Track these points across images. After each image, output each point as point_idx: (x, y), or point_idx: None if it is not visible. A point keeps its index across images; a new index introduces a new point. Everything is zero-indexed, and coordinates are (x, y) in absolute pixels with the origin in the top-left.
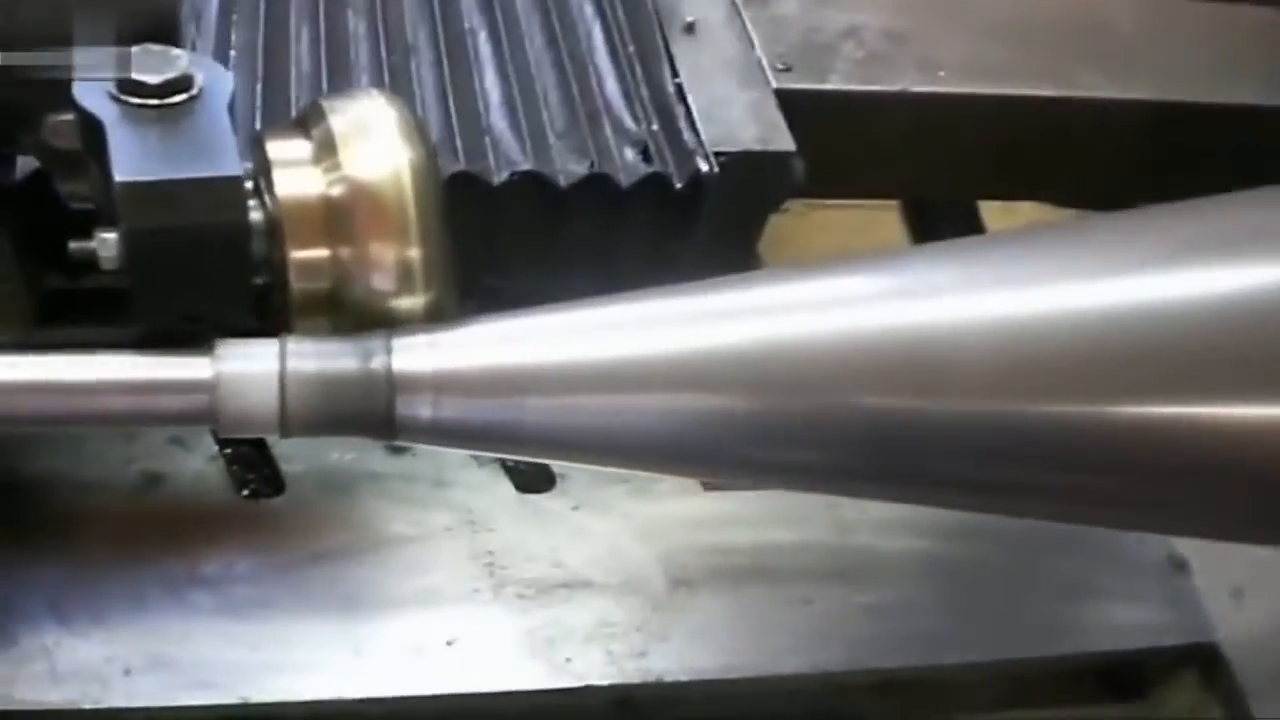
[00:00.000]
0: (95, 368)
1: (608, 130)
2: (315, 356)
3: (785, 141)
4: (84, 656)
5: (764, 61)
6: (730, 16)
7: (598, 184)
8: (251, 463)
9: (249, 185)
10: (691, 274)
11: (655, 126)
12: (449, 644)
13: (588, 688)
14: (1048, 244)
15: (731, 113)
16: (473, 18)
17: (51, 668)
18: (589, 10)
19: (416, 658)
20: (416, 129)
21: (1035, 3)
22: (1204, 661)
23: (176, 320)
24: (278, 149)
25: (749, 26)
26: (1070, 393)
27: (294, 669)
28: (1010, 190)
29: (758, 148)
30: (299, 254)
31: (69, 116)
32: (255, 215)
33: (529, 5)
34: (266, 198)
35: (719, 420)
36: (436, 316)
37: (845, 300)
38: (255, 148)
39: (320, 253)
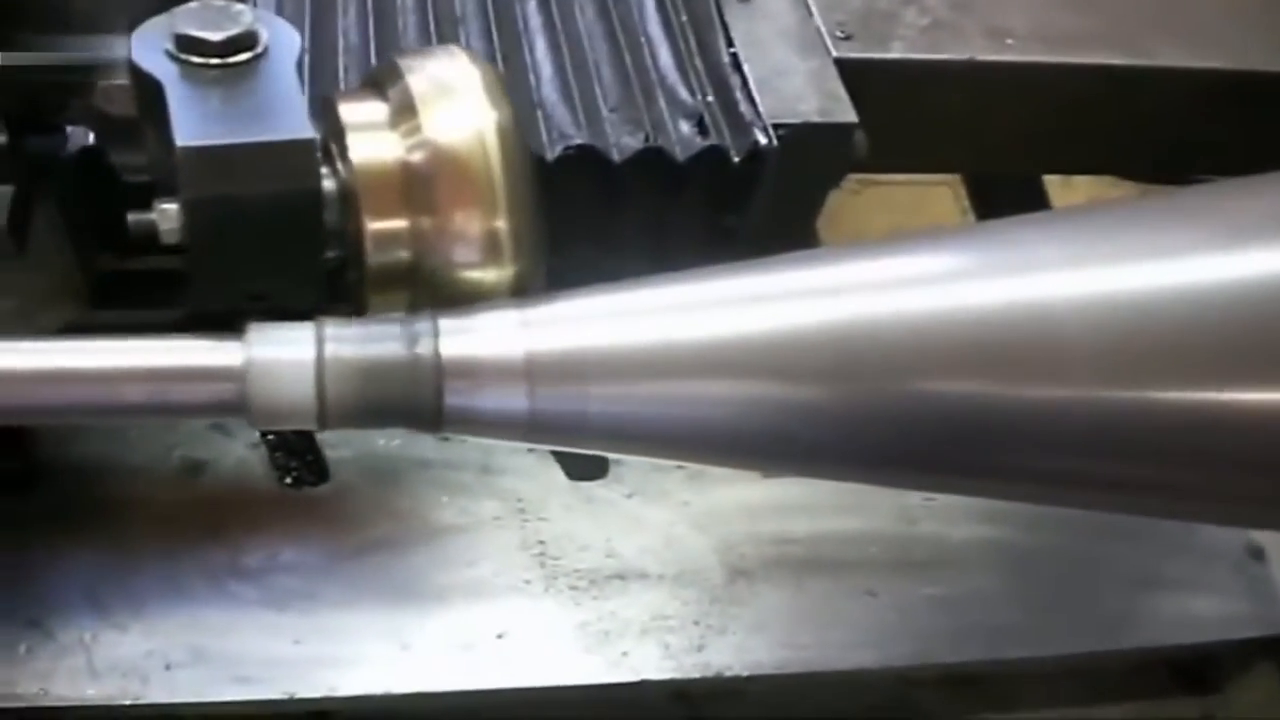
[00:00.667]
0: (113, 354)
1: (662, 103)
2: (355, 341)
3: (847, 113)
4: (123, 651)
5: (823, 29)
6: None
7: (653, 158)
8: (295, 450)
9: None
10: (750, 252)
11: (710, 98)
12: (499, 637)
13: (644, 683)
14: (1151, 216)
15: (790, 83)
16: None
17: (89, 662)
18: None
19: (466, 652)
20: (500, 88)
21: None
22: None
23: (239, 299)
24: (351, 111)
25: None
26: (1185, 378)
27: (340, 663)
28: (1078, 163)
29: (818, 119)
30: (376, 225)
31: (123, 80)
32: (327, 184)
33: None
34: (339, 164)
35: (793, 409)
36: (523, 290)
37: (926, 278)
38: (324, 110)
39: (399, 223)
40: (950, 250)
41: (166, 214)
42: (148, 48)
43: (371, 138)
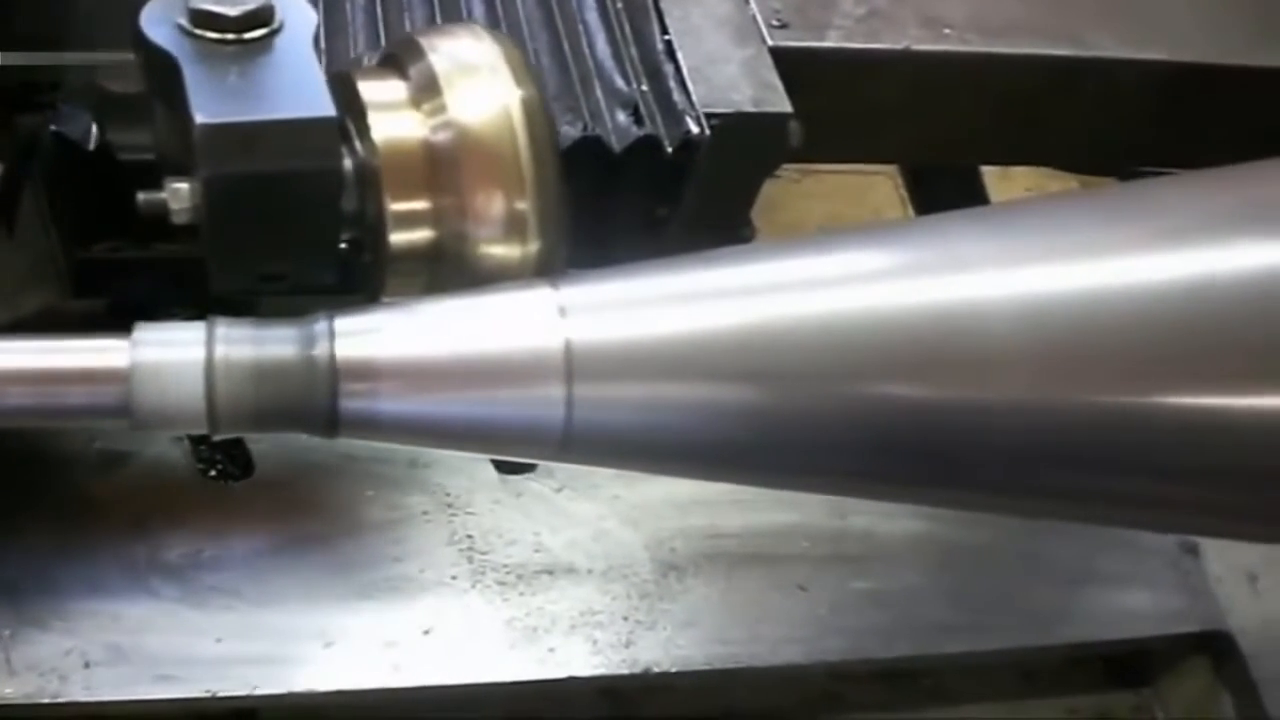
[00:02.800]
0: None
1: (599, 91)
2: (248, 342)
3: (781, 102)
4: (41, 649)
5: (759, 17)
6: None
7: (591, 147)
8: (218, 443)
9: None
10: (683, 241)
11: (645, 87)
12: (425, 634)
13: (571, 679)
14: (1086, 214)
15: (724, 72)
16: None
17: (7, 660)
18: None
19: (390, 649)
20: (524, 66)
21: None
22: (1215, 650)
23: (254, 280)
24: (371, 90)
25: None
26: (1117, 382)
27: (262, 661)
28: (1017, 155)
29: (752, 109)
30: (398, 205)
31: (128, 56)
32: (345, 163)
33: None
34: (357, 143)
35: (711, 413)
36: (547, 268)
37: (852, 277)
38: (341, 88)
39: (422, 203)
40: (877, 248)
41: (178, 193)
42: (159, 23)
43: (393, 116)
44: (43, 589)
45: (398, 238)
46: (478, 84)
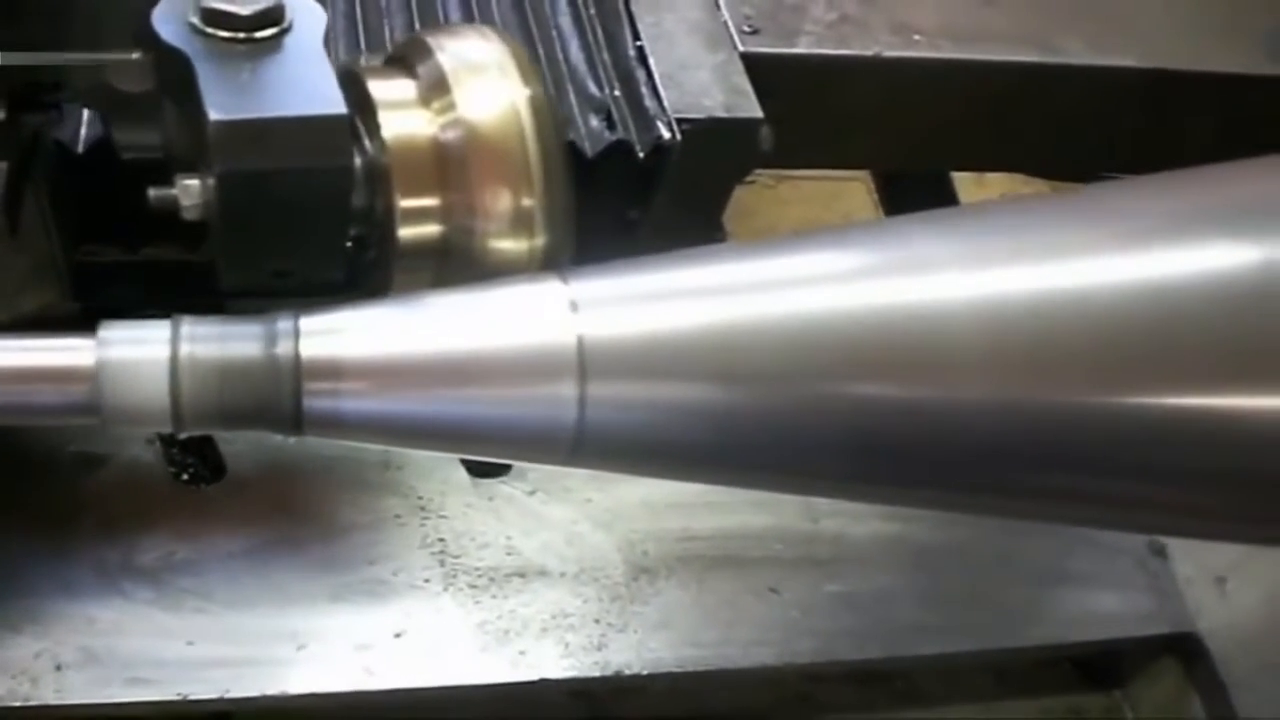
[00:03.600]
0: None
1: (572, 96)
2: (212, 341)
3: (752, 108)
4: (13, 651)
5: (730, 23)
6: None
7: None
8: (191, 446)
9: None
10: (654, 246)
11: (617, 92)
12: (397, 637)
13: (543, 682)
14: (1048, 216)
15: (695, 78)
16: None
17: None
18: None
19: (363, 652)
20: (531, 66)
21: None
22: (1184, 651)
23: (263, 275)
24: (380, 88)
25: None
26: (1077, 383)
27: (234, 664)
28: (987, 161)
29: (723, 114)
30: (408, 202)
31: (134, 55)
32: (354, 160)
33: None
34: (367, 141)
35: (677, 412)
36: (553, 262)
37: (822, 278)
38: (348, 86)
39: (431, 200)
40: (841, 249)
41: (189, 189)
42: (171, 22)
43: (403, 115)
44: (14, 591)
45: (406, 233)
46: (487, 83)
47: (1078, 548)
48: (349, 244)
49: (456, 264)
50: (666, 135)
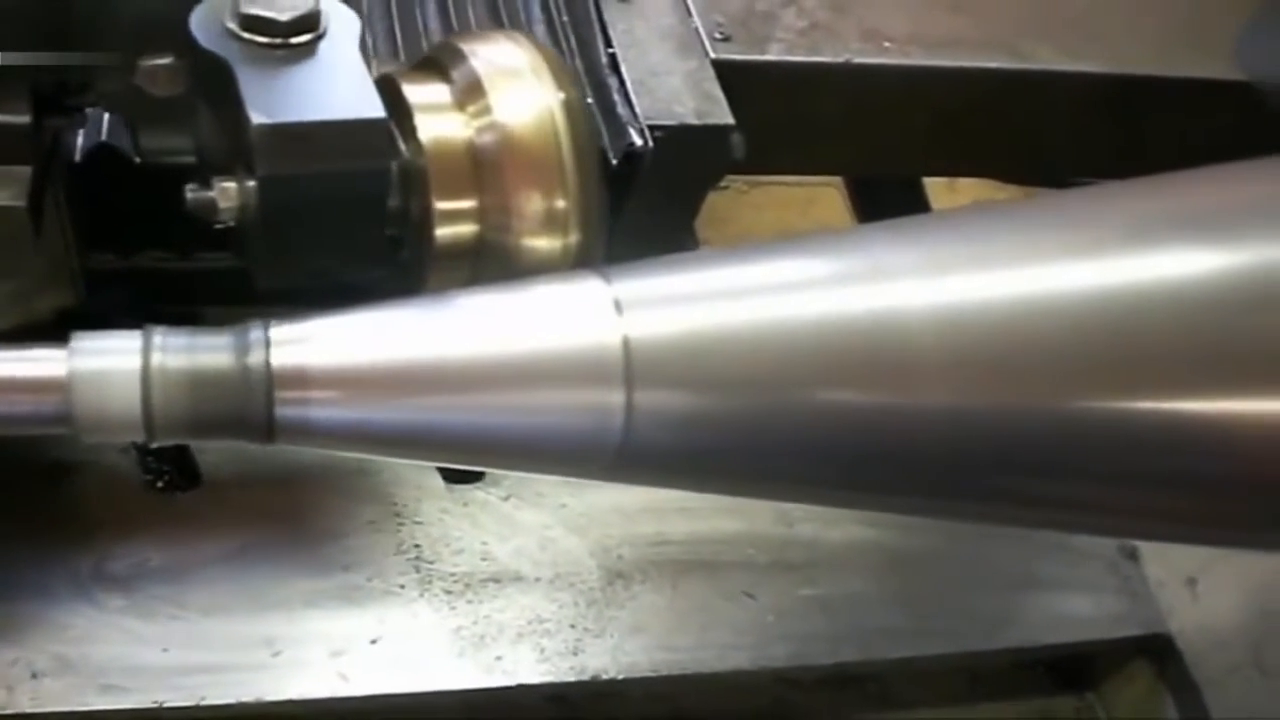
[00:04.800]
0: None
1: None
2: (183, 350)
3: (723, 115)
4: None
5: (702, 31)
6: None
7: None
8: (166, 453)
9: None
10: (625, 252)
11: (589, 99)
12: (372, 643)
13: (519, 687)
14: (1012, 221)
15: (667, 84)
16: None
17: None
18: None
19: (338, 658)
20: (564, 70)
21: None
22: (1156, 653)
23: (300, 276)
24: (415, 92)
25: None
26: (1034, 390)
27: (209, 671)
28: (958, 167)
29: (694, 121)
30: (444, 204)
31: (166, 60)
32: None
33: None
34: (402, 144)
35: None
36: (585, 260)
37: (787, 285)
38: (383, 90)
39: (467, 202)
40: (813, 256)
41: (227, 192)
42: (209, 27)
43: (439, 118)
44: None
45: (443, 234)
46: (521, 87)
47: (1050, 552)
48: (385, 245)
49: (491, 264)
50: (638, 142)
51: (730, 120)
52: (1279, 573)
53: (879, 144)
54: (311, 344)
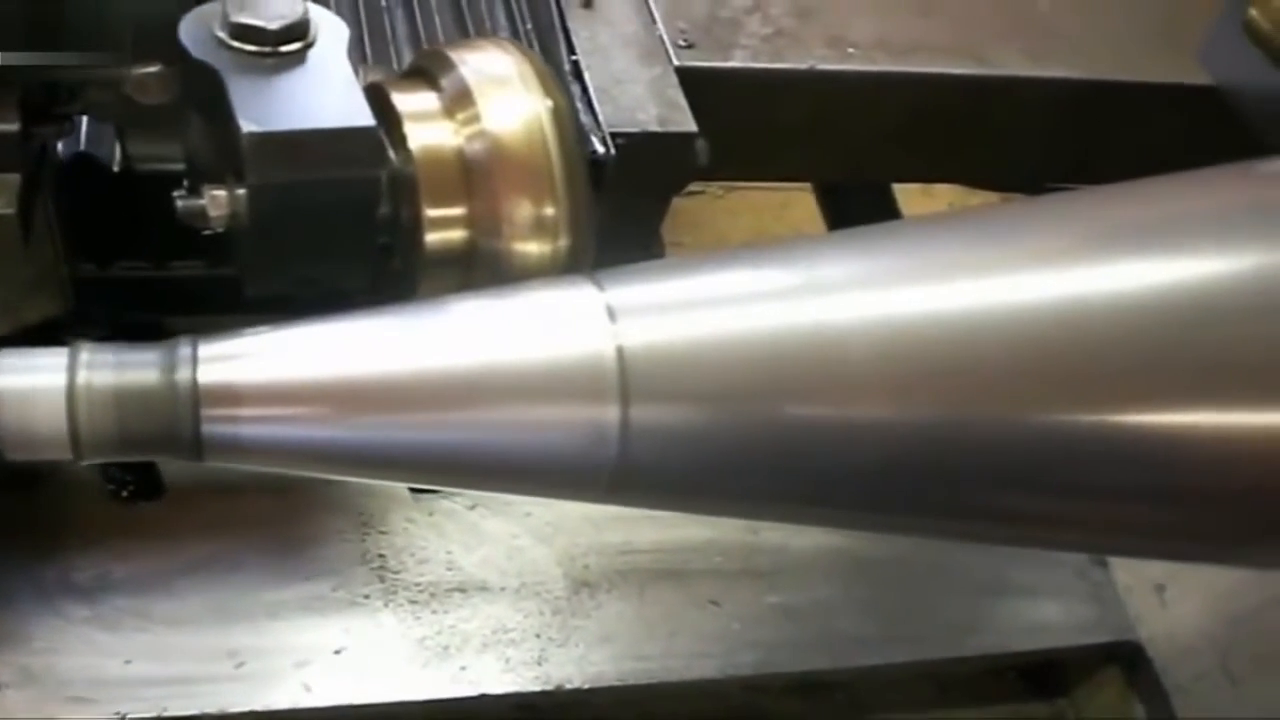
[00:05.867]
0: None
1: None
2: (110, 368)
3: (686, 122)
4: None
5: (665, 38)
6: None
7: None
8: (130, 463)
9: None
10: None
11: None
12: (337, 653)
13: (483, 697)
14: (957, 234)
15: (630, 92)
16: None
17: None
18: None
19: (302, 669)
20: (550, 77)
21: None
22: (1126, 659)
23: (290, 283)
24: (404, 100)
25: (650, 1)
26: (971, 402)
27: (172, 682)
28: (925, 173)
29: (657, 129)
30: (434, 210)
31: (155, 69)
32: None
33: None
34: (391, 152)
35: (574, 432)
36: (574, 264)
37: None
38: (374, 98)
39: (457, 209)
40: (752, 268)
41: (217, 199)
42: (198, 36)
43: (428, 126)
44: None
45: (433, 241)
46: (510, 95)
47: (1019, 558)
48: (375, 252)
49: (482, 270)
50: (601, 149)
51: (693, 127)
52: (1245, 580)
53: (845, 150)
54: (242, 360)
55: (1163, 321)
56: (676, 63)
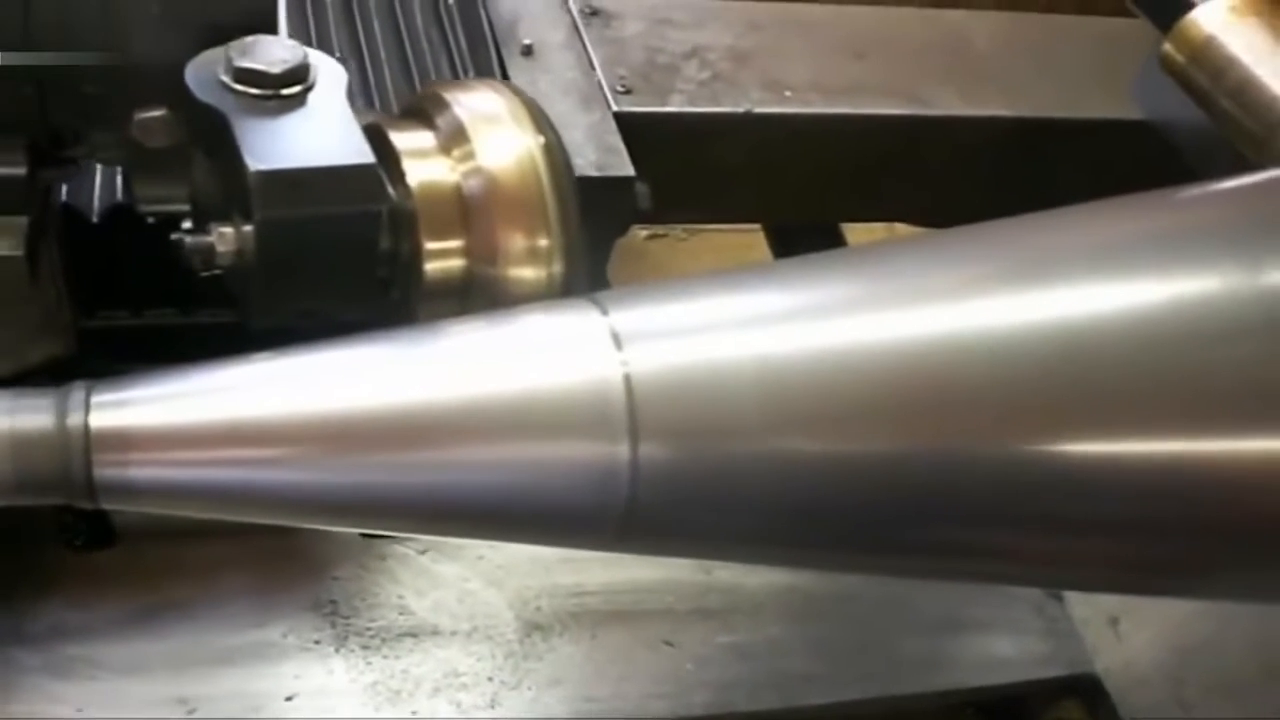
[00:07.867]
0: None
1: None
2: (3, 414)
3: (624, 166)
4: None
5: (604, 83)
6: (570, 38)
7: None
8: (82, 511)
9: None
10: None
11: None
12: (288, 700)
13: None
14: (900, 261)
15: (569, 137)
16: (340, 43)
17: None
18: (434, 34)
19: (253, 715)
20: (542, 115)
21: (886, 18)
22: (1085, 692)
23: (291, 316)
24: (401, 139)
25: (589, 48)
26: (894, 435)
27: None
28: (866, 212)
29: (595, 173)
30: (433, 244)
31: (159, 113)
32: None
33: (386, 27)
34: (390, 188)
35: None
36: (568, 291)
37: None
38: (372, 137)
39: (454, 242)
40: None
41: (225, 237)
42: (204, 81)
43: (426, 163)
44: None
45: (433, 271)
46: (503, 132)
47: (974, 594)
48: (376, 285)
49: (479, 298)
50: None
51: (631, 172)
52: (1198, 611)
53: (785, 192)
54: (135, 405)
55: (1100, 348)
56: (615, 108)
